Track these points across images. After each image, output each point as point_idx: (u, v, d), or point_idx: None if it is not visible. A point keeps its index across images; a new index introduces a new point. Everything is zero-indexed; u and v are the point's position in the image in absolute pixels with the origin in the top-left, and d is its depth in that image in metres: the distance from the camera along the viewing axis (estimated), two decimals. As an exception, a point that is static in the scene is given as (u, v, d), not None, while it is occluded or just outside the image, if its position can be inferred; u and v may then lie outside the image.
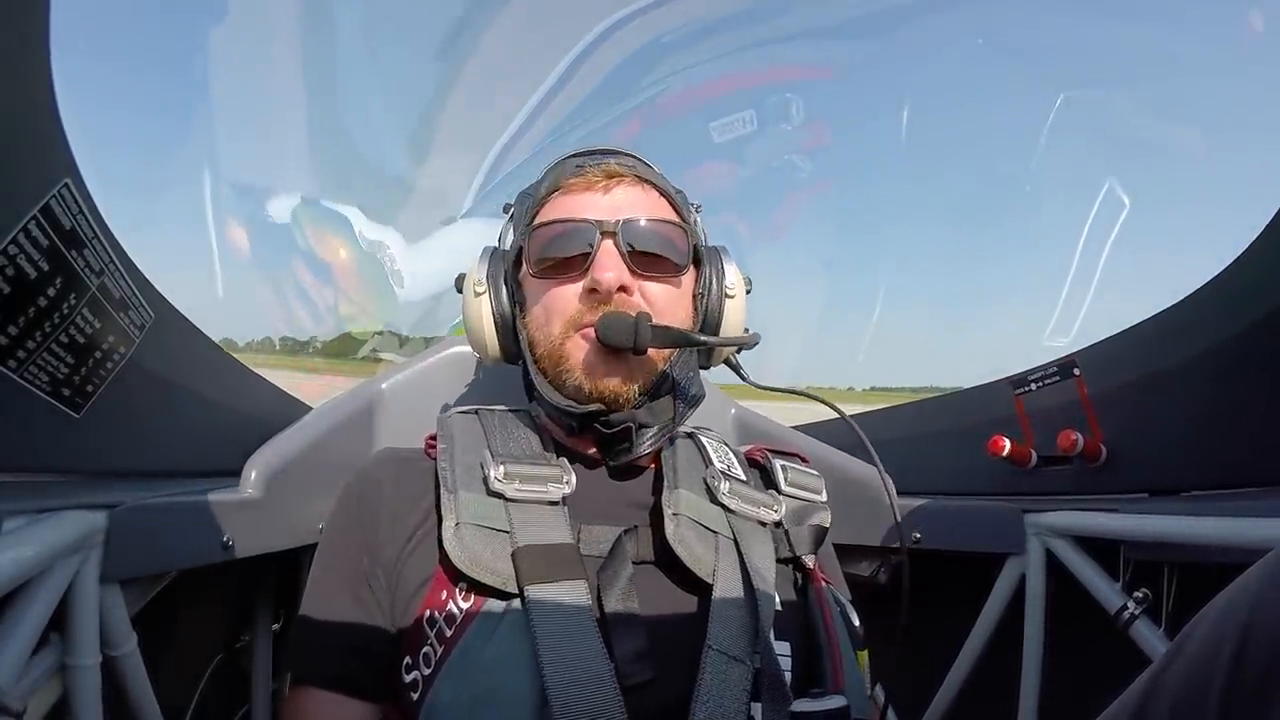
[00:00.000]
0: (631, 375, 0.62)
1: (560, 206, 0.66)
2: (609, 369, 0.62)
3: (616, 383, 0.62)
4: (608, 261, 0.62)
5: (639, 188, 0.67)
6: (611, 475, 0.66)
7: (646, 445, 0.64)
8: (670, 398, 0.66)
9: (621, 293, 0.62)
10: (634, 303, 0.63)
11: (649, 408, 0.65)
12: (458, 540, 0.54)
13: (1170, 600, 0.76)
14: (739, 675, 0.52)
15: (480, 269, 0.70)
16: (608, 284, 0.61)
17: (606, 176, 0.66)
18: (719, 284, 0.69)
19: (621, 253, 0.63)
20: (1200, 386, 0.81)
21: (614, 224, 0.63)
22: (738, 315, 0.70)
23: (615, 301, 0.62)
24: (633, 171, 0.67)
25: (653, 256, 0.64)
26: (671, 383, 0.66)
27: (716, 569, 0.57)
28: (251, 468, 0.75)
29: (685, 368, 0.67)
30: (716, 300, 0.69)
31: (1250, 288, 0.77)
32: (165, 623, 0.70)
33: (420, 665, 0.53)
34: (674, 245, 0.66)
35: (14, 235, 0.50)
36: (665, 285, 0.66)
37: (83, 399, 0.62)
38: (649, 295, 0.64)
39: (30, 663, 0.53)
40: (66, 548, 0.55)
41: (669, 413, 0.66)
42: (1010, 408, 1.01)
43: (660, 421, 0.65)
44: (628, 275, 0.62)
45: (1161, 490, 0.85)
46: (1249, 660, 0.39)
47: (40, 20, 0.51)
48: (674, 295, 0.66)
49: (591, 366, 0.62)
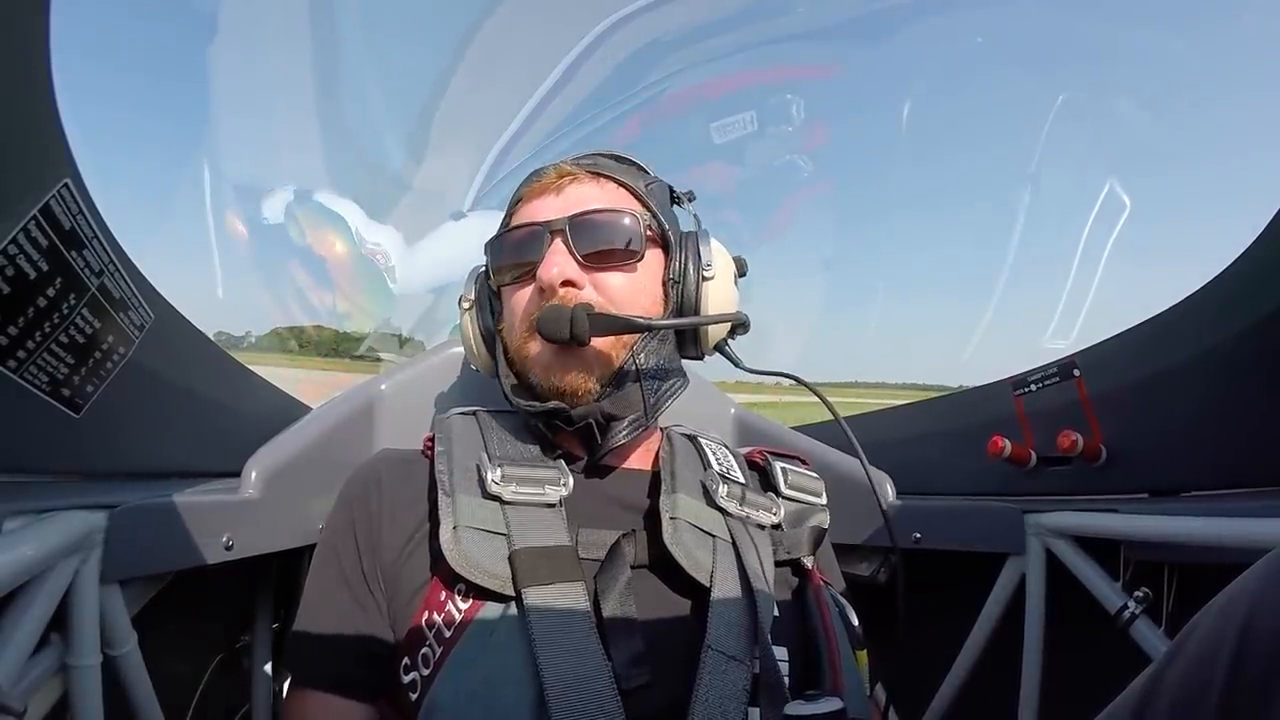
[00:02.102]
0: (587, 368, 0.62)
1: (520, 215, 0.68)
2: (563, 364, 0.62)
3: (573, 377, 0.62)
4: (552, 259, 0.62)
5: (592, 183, 0.67)
6: (609, 478, 0.66)
7: (621, 437, 0.63)
8: (637, 387, 0.64)
9: (568, 287, 0.62)
10: (579, 295, 0.63)
11: (613, 399, 0.63)
12: (455, 543, 0.54)
13: (1170, 600, 0.76)
14: (738, 676, 0.52)
15: (469, 285, 0.73)
16: (549, 280, 0.62)
17: (559, 177, 0.67)
18: (695, 268, 0.67)
19: (570, 249, 0.63)
20: (1200, 387, 0.81)
21: (562, 221, 0.64)
22: (721, 297, 0.67)
23: (560, 297, 0.62)
24: (588, 168, 0.68)
25: (602, 247, 0.64)
26: (636, 372, 0.64)
27: (714, 573, 0.57)
28: (251, 468, 0.75)
29: (654, 356, 0.65)
30: (693, 285, 0.67)
31: (1250, 288, 0.77)
32: (165, 623, 0.70)
33: (419, 666, 0.53)
34: (622, 233, 0.65)
35: (14, 235, 0.50)
36: (621, 274, 0.65)
37: (82, 399, 0.62)
38: (603, 286, 0.64)
39: (30, 663, 0.53)
40: (66, 548, 0.55)
41: (638, 403, 0.64)
42: (1010, 408, 1.01)
43: (629, 413, 0.64)
44: (574, 270, 0.63)
45: (1161, 490, 0.85)
46: (1248, 660, 0.39)
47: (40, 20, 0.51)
48: (633, 283, 0.65)
49: (547, 364, 0.63)
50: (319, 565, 0.62)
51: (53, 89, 0.54)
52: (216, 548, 0.68)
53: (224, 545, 0.69)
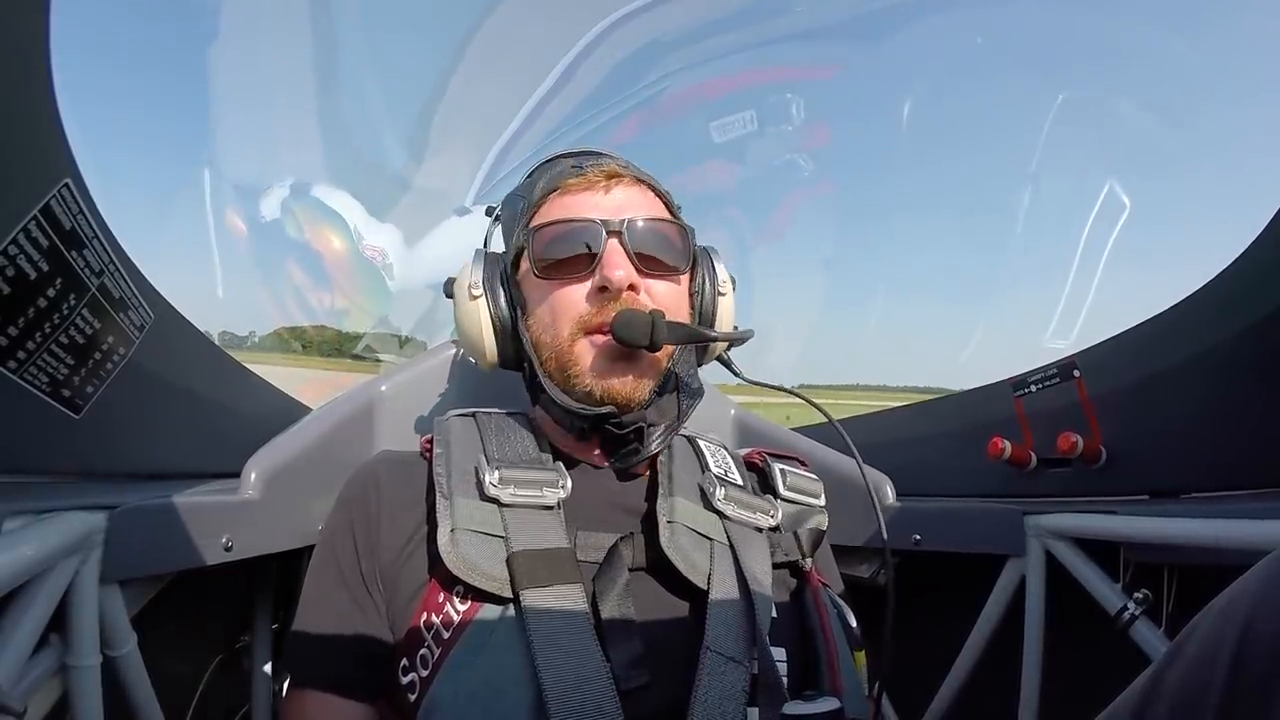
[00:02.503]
0: (642, 375, 0.62)
1: (561, 207, 0.65)
2: (619, 370, 0.61)
3: (629, 382, 0.61)
4: (616, 260, 0.61)
5: (637, 188, 0.67)
6: (607, 480, 0.66)
7: (655, 444, 0.63)
8: (674, 395, 0.66)
9: (630, 291, 0.62)
10: (643, 301, 0.63)
11: (656, 406, 0.65)
12: (453, 546, 0.54)
13: (1170, 601, 0.76)
14: (736, 677, 0.52)
15: (474, 272, 0.69)
16: (618, 282, 0.60)
17: (607, 177, 0.65)
18: (712, 283, 0.71)
19: (628, 251, 0.62)
20: (1200, 388, 0.81)
21: (619, 223, 0.63)
22: (729, 312, 0.72)
23: (624, 300, 0.61)
24: (629, 172, 0.67)
25: (656, 256, 0.64)
26: (675, 380, 0.66)
27: (712, 575, 0.57)
28: (251, 469, 0.75)
29: (687, 365, 0.67)
30: (710, 298, 0.71)
31: (1249, 288, 0.77)
32: (165, 623, 0.70)
33: (418, 667, 0.53)
34: (675, 245, 0.66)
35: (14, 235, 0.50)
36: (669, 284, 0.66)
37: (82, 399, 0.62)
38: (655, 294, 0.64)
39: (30, 663, 0.53)
40: (66, 548, 0.55)
41: (674, 410, 0.66)
42: (1010, 409, 1.01)
43: (666, 419, 0.65)
44: (635, 274, 0.62)
45: (1161, 492, 0.85)
46: (1248, 661, 0.39)
47: (40, 20, 0.51)
48: (677, 294, 0.67)
49: (601, 368, 0.62)
50: (318, 566, 0.62)
51: (53, 89, 0.54)
52: (216, 548, 0.68)
53: (223, 546, 0.69)
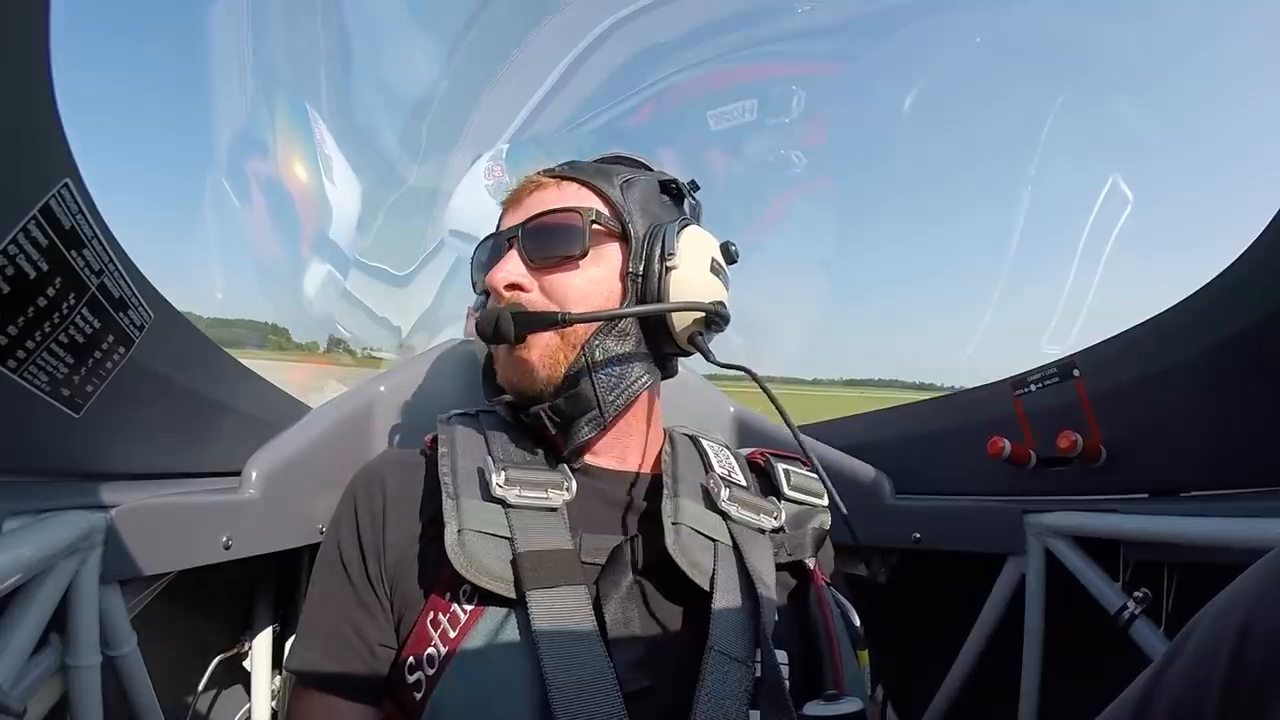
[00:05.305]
0: (532, 368, 0.63)
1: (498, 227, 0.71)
2: (512, 365, 0.65)
3: (521, 376, 0.64)
4: (503, 264, 0.65)
5: (553, 188, 0.68)
6: (611, 481, 0.66)
7: (582, 435, 0.64)
8: (590, 384, 0.63)
9: (514, 290, 0.64)
10: (522, 298, 0.64)
11: (568, 398, 0.63)
12: (460, 546, 0.54)
13: (1170, 600, 0.76)
14: (740, 678, 0.52)
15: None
16: (494, 284, 0.64)
17: (525, 187, 0.69)
18: (660, 259, 0.64)
19: (522, 254, 0.65)
20: (1200, 387, 0.81)
21: (515, 229, 0.66)
22: (689, 287, 0.64)
23: (506, 300, 0.64)
24: (557, 173, 0.69)
25: (548, 250, 0.65)
26: (589, 370, 0.63)
27: (716, 576, 0.57)
28: (251, 468, 0.75)
29: (609, 353, 0.64)
30: (657, 276, 0.64)
31: (1250, 288, 0.77)
32: (165, 623, 0.70)
33: (423, 666, 0.53)
34: (564, 233, 0.64)
35: (14, 235, 0.50)
36: (567, 274, 0.64)
37: (82, 399, 0.62)
38: (549, 287, 0.65)
39: (30, 663, 0.53)
40: (66, 548, 0.55)
41: (592, 400, 0.64)
42: (1010, 408, 1.01)
43: (583, 410, 0.64)
44: (519, 274, 0.64)
45: (1161, 491, 0.85)
46: (1247, 660, 0.39)
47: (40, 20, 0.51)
48: (585, 281, 0.64)
49: (503, 363, 0.66)
50: (322, 566, 0.62)
51: (53, 89, 0.54)
52: (216, 548, 0.68)
53: (224, 545, 0.69)
